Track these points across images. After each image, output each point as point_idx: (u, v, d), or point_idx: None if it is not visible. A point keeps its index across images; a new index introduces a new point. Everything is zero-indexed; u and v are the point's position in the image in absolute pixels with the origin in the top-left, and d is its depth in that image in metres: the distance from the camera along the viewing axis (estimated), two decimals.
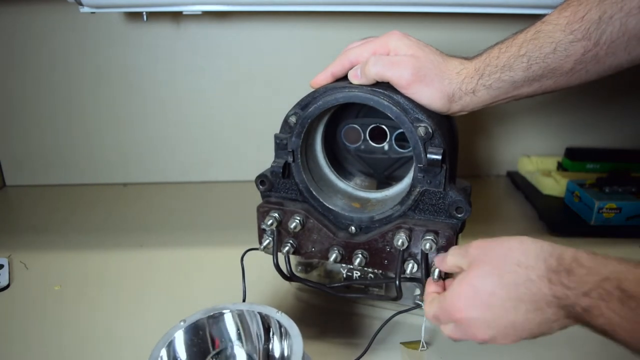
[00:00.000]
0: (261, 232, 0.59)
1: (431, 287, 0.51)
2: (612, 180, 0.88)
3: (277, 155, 0.58)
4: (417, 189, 0.53)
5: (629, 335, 0.36)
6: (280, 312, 0.45)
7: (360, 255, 0.55)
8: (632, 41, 0.47)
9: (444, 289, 0.50)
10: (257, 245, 0.59)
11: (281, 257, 0.58)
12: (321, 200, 0.58)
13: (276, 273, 0.57)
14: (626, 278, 0.37)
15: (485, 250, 0.45)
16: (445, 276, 0.51)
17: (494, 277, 0.42)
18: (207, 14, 0.91)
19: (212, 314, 0.45)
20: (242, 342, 0.46)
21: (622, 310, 0.36)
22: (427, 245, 0.51)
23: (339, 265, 0.62)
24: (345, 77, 0.56)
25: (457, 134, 0.62)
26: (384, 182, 0.65)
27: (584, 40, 0.48)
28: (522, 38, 0.50)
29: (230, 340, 0.46)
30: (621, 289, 0.36)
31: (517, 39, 0.51)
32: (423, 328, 0.56)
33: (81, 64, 0.95)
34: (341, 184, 0.63)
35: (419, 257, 0.53)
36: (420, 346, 0.57)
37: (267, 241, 0.58)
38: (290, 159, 0.57)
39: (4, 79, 0.95)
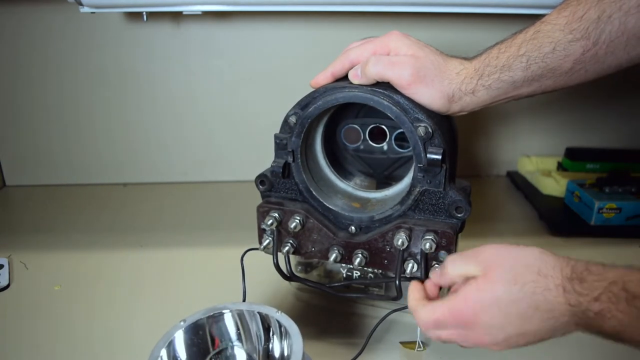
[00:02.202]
0: (261, 232, 0.59)
1: (416, 292, 0.48)
2: (612, 180, 0.88)
3: (277, 155, 0.58)
4: (417, 189, 0.53)
5: (637, 334, 0.37)
6: (279, 311, 0.45)
7: (360, 255, 0.55)
8: (631, 40, 0.47)
9: (436, 294, 0.49)
10: (257, 245, 0.59)
11: (281, 257, 0.58)
12: (321, 200, 0.58)
13: (276, 273, 0.57)
14: (630, 280, 0.38)
15: (503, 256, 0.44)
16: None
17: (517, 286, 0.41)
18: (207, 14, 0.91)
19: (212, 313, 0.45)
20: (242, 342, 0.46)
21: (629, 310, 0.37)
22: (427, 245, 0.51)
23: (338, 265, 0.62)
24: (345, 77, 0.57)
25: (457, 134, 0.62)
26: (384, 182, 0.65)
27: (583, 40, 0.48)
28: (522, 38, 0.50)
29: (230, 340, 0.46)
30: (626, 289, 0.38)
31: (517, 39, 0.51)
32: (419, 328, 0.56)
33: (81, 64, 0.95)
34: (341, 183, 0.63)
35: (418, 256, 0.53)
36: (417, 346, 0.57)
37: (267, 241, 0.58)
38: (290, 159, 0.57)
39: (4, 79, 0.96)
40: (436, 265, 0.52)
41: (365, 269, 0.60)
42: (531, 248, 0.44)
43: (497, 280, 0.42)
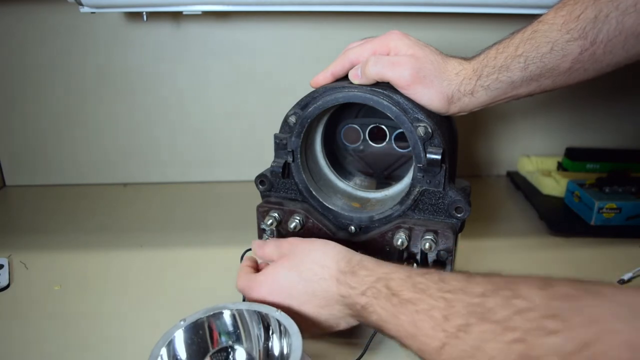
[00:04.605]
0: (261, 232, 0.59)
1: (247, 261, 0.56)
2: (612, 180, 0.88)
3: (276, 155, 0.58)
4: (417, 189, 0.53)
5: (393, 328, 0.41)
6: (279, 310, 0.45)
7: None
8: (629, 39, 0.47)
9: (257, 269, 0.55)
10: None
11: None
12: (321, 200, 0.58)
13: None
14: (392, 278, 0.42)
15: (295, 247, 0.50)
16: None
17: (295, 272, 0.48)
18: (207, 14, 0.91)
19: (212, 313, 0.45)
20: (241, 341, 0.46)
21: (387, 306, 0.41)
22: (427, 245, 0.51)
23: None
24: (345, 77, 0.57)
25: (457, 134, 0.62)
26: (384, 181, 0.65)
27: (581, 40, 0.48)
28: (519, 38, 0.50)
29: (230, 339, 0.46)
30: (388, 287, 0.42)
31: (514, 39, 0.51)
32: None
33: (81, 64, 0.95)
34: (341, 183, 0.63)
35: (418, 256, 0.53)
36: None
37: None
38: (289, 159, 0.57)
39: (4, 79, 0.96)
40: None
41: None
42: (317, 240, 0.50)
43: (280, 267, 0.49)
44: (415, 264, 0.53)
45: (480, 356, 0.33)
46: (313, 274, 0.47)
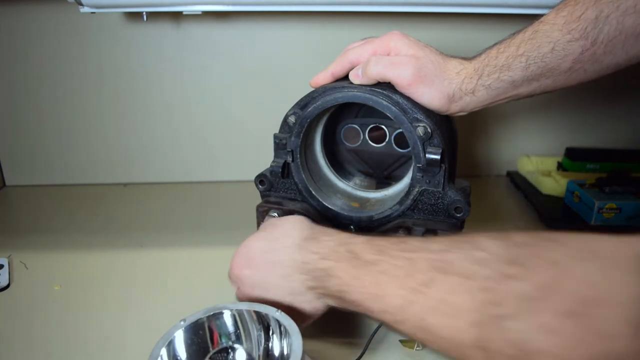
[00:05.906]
0: None
1: None
2: (612, 180, 0.88)
3: (276, 155, 0.58)
4: (416, 189, 0.53)
5: (356, 291, 0.41)
6: (279, 311, 0.45)
7: None
8: (629, 40, 0.47)
9: None
10: None
11: None
12: (320, 199, 0.58)
13: None
14: (354, 242, 0.43)
15: (273, 221, 0.53)
16: None
17: (265, 241, 0.50)
18: (207, 14, 0.91)
19: (212, 313, 0.45)
20: (241, 341, 0.46)
21: (349, 268, 0.41)
22: None
23: None
24: (345, 77, 0.57)
25: (457, 134, 0.62)
26: (384, 181, 0.65)
27: (582, 40, 0.48)
28: (520, 38, 0.51)
29: (230, 340, 0.46)
30: (350, 250, 0.43)
31: (515, 39, 0.51)
32: None
33: (81, 64, 0.95)
34: (340, 183, 0.63)
35: None
36: (416, 345, 0.57)
37: None
38: (289, 159, 0.57)
39: (4, 79, 0.96)
40: None
41: None
42: (295, 216, 0.52)
43: (253, 238, 0.51)
44: None
45: (444, 308, 0.33)
46: (278, 243, 0.49)
